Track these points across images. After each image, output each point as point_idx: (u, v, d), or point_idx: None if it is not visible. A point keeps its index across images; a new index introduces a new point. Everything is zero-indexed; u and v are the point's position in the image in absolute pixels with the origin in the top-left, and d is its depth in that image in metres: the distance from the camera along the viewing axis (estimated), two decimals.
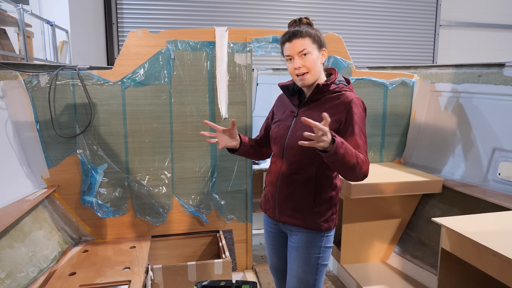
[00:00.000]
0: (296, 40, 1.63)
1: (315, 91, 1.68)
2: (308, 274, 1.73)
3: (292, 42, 1.64)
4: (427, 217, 2.87)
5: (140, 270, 2.19)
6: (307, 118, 1.39)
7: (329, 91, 1.68)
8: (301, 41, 1.62)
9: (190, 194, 2.80)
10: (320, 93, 1.68)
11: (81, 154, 2.55)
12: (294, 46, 1.63)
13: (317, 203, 1.69)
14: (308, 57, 1.63)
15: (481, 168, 2.68)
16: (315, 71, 1.65)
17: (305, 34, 1.63)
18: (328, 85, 1.67)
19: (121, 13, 5.98)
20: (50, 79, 2.43)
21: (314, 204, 1.69)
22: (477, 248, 1.63)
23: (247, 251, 2.99)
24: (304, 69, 1.64)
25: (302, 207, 1.71)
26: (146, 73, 2.58)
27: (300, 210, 1.72)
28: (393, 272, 2.91)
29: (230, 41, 2.67)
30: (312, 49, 1.63)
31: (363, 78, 3.03)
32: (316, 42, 1.65)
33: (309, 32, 1.64)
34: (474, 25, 7.34)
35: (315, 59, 1.65)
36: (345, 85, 1.72)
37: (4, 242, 1.93)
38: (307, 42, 1.63)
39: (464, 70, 2.82)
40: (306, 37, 1.63)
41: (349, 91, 1.70)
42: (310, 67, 1.64)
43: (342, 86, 1.71)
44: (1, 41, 3.45)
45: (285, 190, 1.74)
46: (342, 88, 1.69)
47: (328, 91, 1.68)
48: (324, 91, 1.68)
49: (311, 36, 1.64)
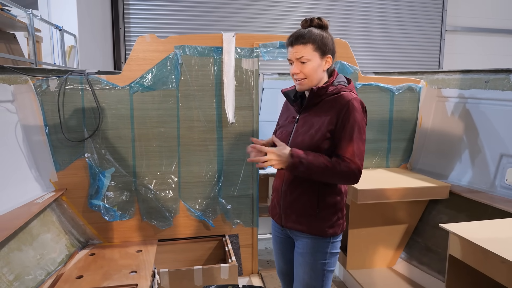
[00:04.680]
0: (297, 46, 1.61)
1: (311, 95, 1.66)
2: (314, 280, 1.73)
3: (293, 47, 1.62)
4: (434, 223, 2.86)
5: (147, 274, 2.20)
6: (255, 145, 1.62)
7: (327, 94, 1.65)
8: (301, 47, 1.60)
9: (197, 198, 2.81)
10: (318, 97, 1.66)
11: (89, 158, 2.57)
12: (294, 52, 1.62)
13: (321, 209, 1.68)
14: (307, 65, 1.61)
15: (488, 174, 2.67)
16: (313, 78, 1.63)
17: (308, 41, 1.59)
18: (324, 88, 1.64)
19: (128, 18, 6.02)
20: (59, 83, 2.45)
21: (318, 209, 1.68)
22: (485, 254, 1.62)
23: (253, 256, 2.99)
24: (302, 75, 1.63)
25: (307, 213, 1.70)
26: (154, 78, 2.60)
27: (304, 216, 1.71)
28: (399, 278, 2.89)
29: (237, 46, 2.68)
30: (312, 57, 1.60)
31: (369, 84, 3.04)
32: (319, 49, 1.61)
33: (313, 38, 1.59)
34: (480, 30, 7.32)
35: (315, 66, 1.62)
36: (344, 85, 1.68)
37: (12, 245, 1.95)
38: (308, 50, 1.59)
39: (471, 75, 2.81)
40: (308, 43, 1.59)
41: (348, 91, 1.65)
42: (307, 75, 1.62)
43: (341, 87, 1.66)
44: (11, 46, 3.49)
45: (289, 196, 1.74)
46: (340, 89, 1.65)
47: (326, 93, 1.65)
48: (321, 94, 1.65)
49: (314, 43, 1.59)
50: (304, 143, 1.65)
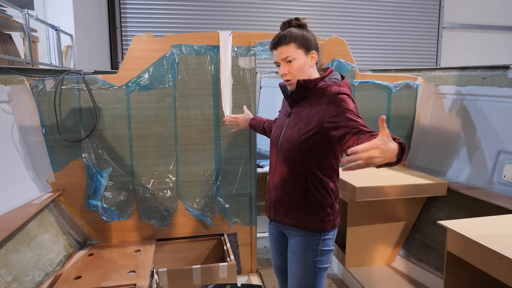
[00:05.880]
0: (280, 48, 1.63)
1: (298, 87, 1.66)
2: (307, 278, 1.73)
3: (277, 49, 1.65)
4: (432, 219, 2.86)
5: (146, 274, 2.20)
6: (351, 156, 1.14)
7: (315, 88, 1.65)
8: (285, 48, 1.62)
9: (195, 198, 2.81)
10: (305, 90, 1.66)
11: (86, 158, 2.56)
12: (278, 53, 1.64)
13: (308, 203, 1.68)
14: (294, 64, 1.63)
15: (486, 171, 2.67)
16: (301, 76, 1.64)
17: (289, 40, 1.61)
18: (312, 81, 1.64)
19: (124, 18, 6.01)
20: (55, 83, 2.44)
21: (306, 203, 1.68)
22: (483, 251, 1.62)
23: (252, 255, 2.99)
24: (290, 76, 1.64)
25: (294, 207, 1.71)
26: (151, 77, 2.59)
27: (292, 210, 1.71)
28: (398, 275, 2.90)
29: (234, 45, 2.68)
30: (297, 55, 1.62)
31: (367, 81, 3.03)
32: (303, 46, 1.63)
33: (294, 37, 1.62)
34: (477, 27, 7.33)
35: (302, 64, 1.63)
36: (335, 82, 1.67)
37: (10, 246, 1.94)
38: (291, 49, 1.61)
39: (468, 72, 2.82)
40: (290, 43, 1.61)
41: (337, 86, 1.63)
42: (295, 74, 1.64)
43: (331, 83, 1.65)
44: (7, 46, 3.48)
45: (278, 190, 1.75)
46: (330, 85, 1.63)
47: (315, 88, 1.65)
48: (309, 87, 1.65)
49: (296, 41, 1.62)
50: (293, 136, 1.66)
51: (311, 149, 1.63)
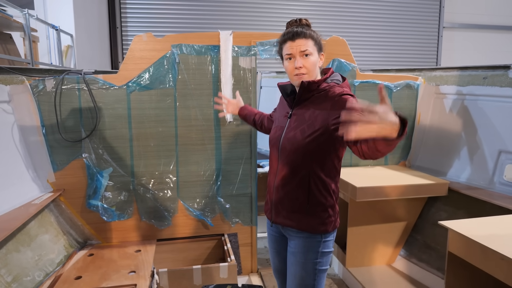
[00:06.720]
0: (299, 40, 1.64)
1: (301, 89, 1.67)
2: (306, 279, 1.72)
3: (295, 41, 1.64)
4: (433, 220, 2.86)
5: (146, 274, 2.20)
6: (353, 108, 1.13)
7: (318, 90, 1.66)
8: (304, 41, 1.63)
9: (195, 198, 2.80)
10: (308, 91, 1.67)
11: (87, 158, 2.56)
12: (297, 45, 1.64)
13: (311, 205, 1.67)
14: (309, 58, 1.64)
15: (487, 171, 2.67)
16: (313, 73, 1.66)
17: (309, 36, 1.64)
18: (316, 82, 1.65)
19: (125, 17, 6.01)
20: (56, 83, 2.44)
21: (308, 205, 1.67)
22: (485, 251, 1.62)
23: (252, 255, 2.99)
24: (304, 70, 1.64)
25: (296, 209, 1.69)
26: (151, 77, 2.59)
27: (294, 212, 1.70)
28: (398, 275, 2.89)
29: (235, 44, 2.67)
30: (313, 51, 1.65)
31: (367, 81, 3.03)
32: (317, 45, 1.67)
33: (312, 34, 1.66)
34: (478, 26, 7.32)
35: (315, 61, 1.66)
36: (337, 83, 1.69)
37: (10, 246, 1.94)
38: (310, 44, 1.64)
39: (469, 72, 2.81)
40: (309, 38, 1.64)
41: (339, 87, 1.66)
42: (309, 69, 1.65)
43: (334, 84, 1.67)
44: (7, 46, 3.47)
45: (280, 191, 1.74)
46: (333, 86, 1.66)
47: (317, 89, 1.66)
48: (312, 89, 1.66)
49: (313, 39, 1.66)
50: (296, 137, 1.65)
51: (314, 151, 1.62)
